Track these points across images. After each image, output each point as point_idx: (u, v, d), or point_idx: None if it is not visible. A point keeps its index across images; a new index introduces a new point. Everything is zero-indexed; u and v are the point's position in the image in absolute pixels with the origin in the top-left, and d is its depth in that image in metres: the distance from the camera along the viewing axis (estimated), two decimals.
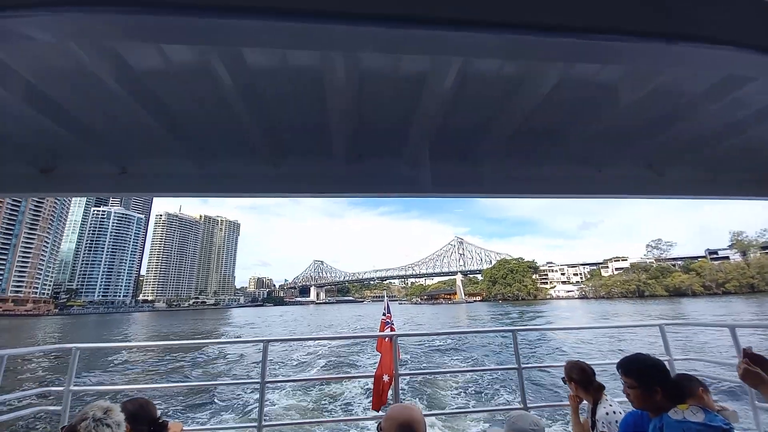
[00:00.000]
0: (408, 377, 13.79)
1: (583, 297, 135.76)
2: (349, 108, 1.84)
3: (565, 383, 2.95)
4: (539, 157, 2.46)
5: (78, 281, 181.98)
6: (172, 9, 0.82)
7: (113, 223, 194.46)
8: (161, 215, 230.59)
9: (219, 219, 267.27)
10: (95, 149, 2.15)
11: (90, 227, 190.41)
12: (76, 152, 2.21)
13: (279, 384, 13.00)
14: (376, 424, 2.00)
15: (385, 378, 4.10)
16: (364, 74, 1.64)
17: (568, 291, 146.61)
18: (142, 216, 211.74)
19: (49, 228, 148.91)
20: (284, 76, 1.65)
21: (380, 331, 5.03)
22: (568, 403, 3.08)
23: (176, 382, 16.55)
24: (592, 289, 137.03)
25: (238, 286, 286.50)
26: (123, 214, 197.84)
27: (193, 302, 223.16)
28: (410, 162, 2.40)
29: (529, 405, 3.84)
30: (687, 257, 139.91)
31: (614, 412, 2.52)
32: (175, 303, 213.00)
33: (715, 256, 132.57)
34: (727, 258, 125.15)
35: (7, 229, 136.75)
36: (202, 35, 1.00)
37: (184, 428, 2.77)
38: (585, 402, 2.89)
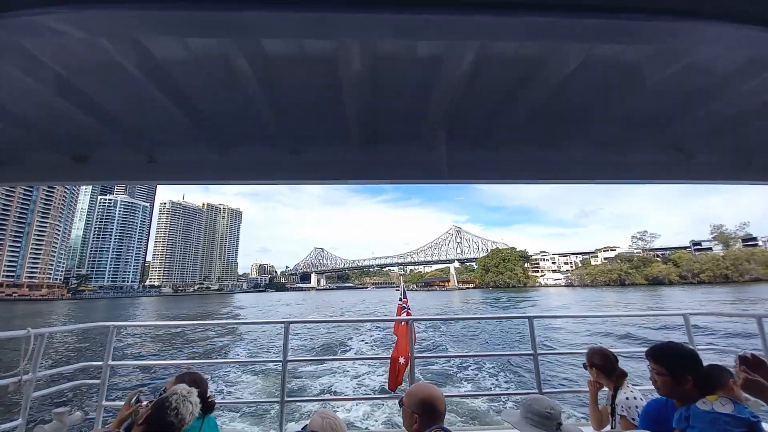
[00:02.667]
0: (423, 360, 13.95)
1: (569, 285, 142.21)
2: (365, 94, 1.81)
3: (585, 369, 2.91)
4: (560, 141, 2.37)
5: (88, 267, 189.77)
6: (193, 2, 0.87)
7: (119, 211, 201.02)
8: (165, 203, 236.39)
9: (221, 207, 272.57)
10: (124, 138, 2.24)
11: (97, 215, 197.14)
12: (107, 141, 2.28)
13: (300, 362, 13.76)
14: (397, 401, 2.05)
15: (401, 360, 4.21)
16: (379, 59, 1.60)
17: (556, 279, 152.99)
18: (147, 204, 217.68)
19: (59, 216, 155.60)
20: (301, 64, 1.63)
21: (397, 315, 5.14)
22: (585, 389, 3.05)
23: (202, 358, 17.47)
24: (577, 277, 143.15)
25: (240, 272, 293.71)
26: (129, 202, 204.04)
27: (198, 287, 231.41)
28: (426, 147, 2.37)
29: (544, 390, 3.77)
30: (673, 247, 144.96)
31: (635, 398, 2.52)
32: (180, 288, 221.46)
33: (699, 247, 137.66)
34: (710, 249, 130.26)
35: (20, 217, 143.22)
36: (222, 27, 1.03)
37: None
38: (605, 389, 2.83)
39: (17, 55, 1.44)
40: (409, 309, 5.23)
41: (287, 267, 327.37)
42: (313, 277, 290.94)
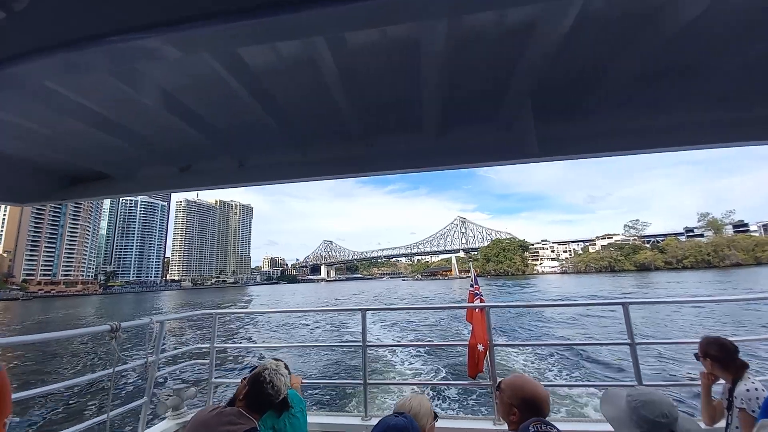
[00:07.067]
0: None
1: (563, 272, 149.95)
2: (443, 76, 1.69)
3: (697, 359, 2.70)
4: (667, 102, 2.03)
5: (113, 264, 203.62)
6: (279, 6, 0.89)
7: (140, 210, 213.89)
8: (181, 202, 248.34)
9: (233, 203, 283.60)
10: (220, 146, 2.36)
11: (120, 215, 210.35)
12: (206, 151, 2.42)
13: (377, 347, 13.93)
14: (496, 385, 1.97)
15: (480, 347, 4.11)
16: (464, 33, 1.44)
17: (552, 267, 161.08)
18: (165, 203, 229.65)
19: (88, 217, 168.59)
20: (382, 52, 1.56)
21: (469, 302, 4.94)
22: (689, 382, 2.80)
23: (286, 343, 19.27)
24: (571, 265, 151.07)
25: (252, 266, 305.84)
26: (148, 202, 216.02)
27: (215, 281, 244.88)
28: (508, 125, 2.18)
29: (645, 383, 3.42)
30: (671, 234, 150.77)
31: (756, 389, 2.33)
32: (199, 282, 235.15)
33: (691, 233, 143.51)
34: (702, 236, 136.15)
35: (53, 219, 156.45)
36: (308, 27, 1.05)
37: (303, 381, 3.21)
38: (721, 381, 2.60)
39: (130, 76, 1.54)
40: (482, 296, 4.91)
41: (297, 260, 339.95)
42: (323, 269, 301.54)
